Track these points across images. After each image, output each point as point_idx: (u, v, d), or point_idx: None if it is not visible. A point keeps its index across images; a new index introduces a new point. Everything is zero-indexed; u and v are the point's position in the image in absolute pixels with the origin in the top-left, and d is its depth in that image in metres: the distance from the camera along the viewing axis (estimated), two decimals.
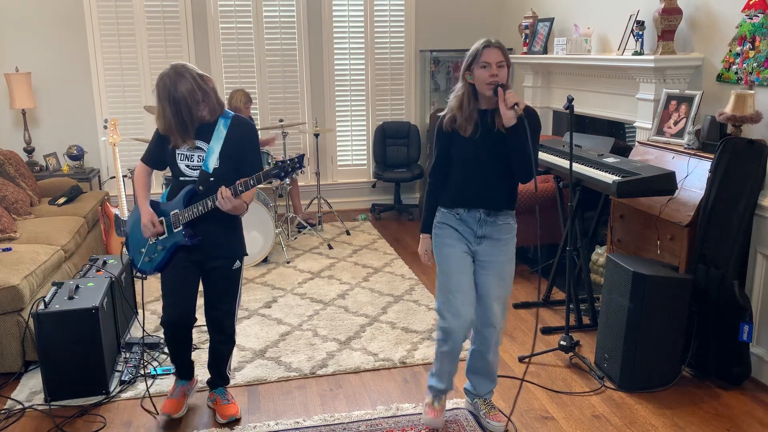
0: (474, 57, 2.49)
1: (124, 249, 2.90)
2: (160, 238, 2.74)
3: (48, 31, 5.64)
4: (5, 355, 3.24)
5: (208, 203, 2.63)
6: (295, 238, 5.60)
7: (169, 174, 3.31)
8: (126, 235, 2.91)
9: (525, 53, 5.48)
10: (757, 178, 3.06)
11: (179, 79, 2.53)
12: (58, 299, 3.09)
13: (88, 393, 3.06)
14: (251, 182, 2.58)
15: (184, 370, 2.96)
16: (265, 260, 4.95)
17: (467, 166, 2.59)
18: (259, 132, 5.65)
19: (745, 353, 3.10)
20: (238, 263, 2.82)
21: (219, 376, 2.97)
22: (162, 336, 3.61)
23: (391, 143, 6.41)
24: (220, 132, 2.67)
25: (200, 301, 2.85)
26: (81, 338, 3.00)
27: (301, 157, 2.58)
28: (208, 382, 3.01)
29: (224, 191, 2.56)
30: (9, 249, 3.64)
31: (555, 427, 2.83)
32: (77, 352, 3.01)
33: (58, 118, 5.79)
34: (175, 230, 2.71)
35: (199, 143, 2.68)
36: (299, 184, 6.00)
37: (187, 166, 2.69)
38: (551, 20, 5.23)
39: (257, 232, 4.82)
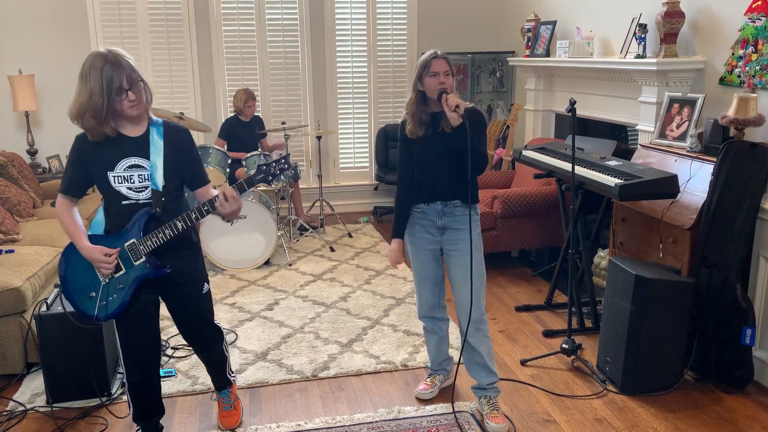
0: (424, 67, 2.73)
1: (62, 299, 2.49)
2: (116, 275, 2.40)
3: (51, 33, 5.66)
4: (7, 356, 3.25)
5: (178, 225, 2.36)
6: (297, 241, 5.60)
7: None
8: (62, 282, 2.50)
9: (527, 56, 5.48)
10: (760, 182, 3.05)
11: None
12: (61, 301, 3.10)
13: (90, 395, 3.05)
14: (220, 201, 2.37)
15: (153, 425, 2.72)
16: (267, 263, 4.96)
17: (422, 164, 2.82)
18: (266, 134, 5.72)
19: (748, 357, 3.09)
20: (206, 286, 2.62)
21: (221, 381, 2.93)
22: (163, 338, 3.61)
23: (393, 146, 6.41)
24: (157, 143, 2.37)
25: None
26: (83, 340, 3.00)
27: (286, 158, 2.43)
28: (213, 384, 2.97)
29: (230, 190, 2.34)
30: (11, 251, 3.64)
31: (557, 431, 2.83)
32: (79, 354, 3.00)
33: (60, 120, 5.72)
34: (136, 263, 2.39)
35: (136, 160, 2.35)
36: (301, 186, 6.00)
37: (129, 188, 2.36)
38: (553, 23, 5.23)
39: (259, 234, 4.82)
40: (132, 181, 2.36)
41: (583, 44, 4.65)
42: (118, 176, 2.35)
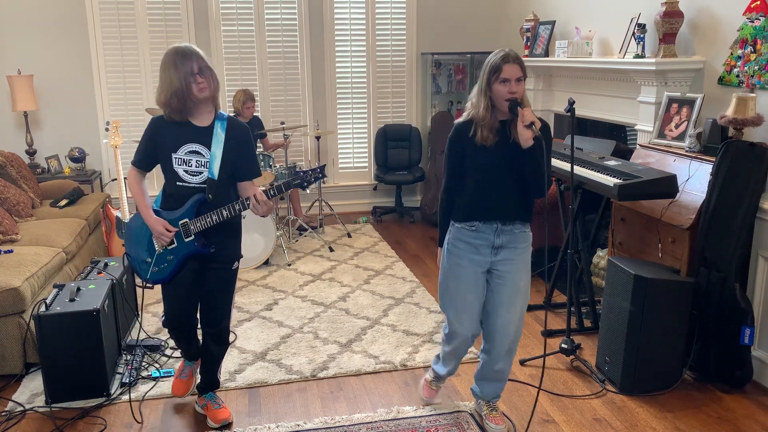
0: (494, 72, 2.48)
1: (126, 257, 2.85)
2: (170, 247, 2.69)
3: (50, 33, 5.66)
4: (6, 357, 3.24)
5: (223, 213, 2.61)
6: (296, 241, 5.60)
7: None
8: (125, 245, 2.84)
9: (526, 56, 5.48)
10: (759, 181, 3.06)
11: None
12: (60, 301, 3.09)
13: (89, 395, 3.06)
14: (271, 192, 2.63)
15: (190, 355, 3.04)
16: (266, 263, 4.96)
17: (483, 176, 2.58)
18: (266, 134, 5.72)
19: (747, 356, 3.09)
20: (236, 264, 2.84)
21: (211, 381, 2.95)
22: (162, 338, 3.62)
23: (392, 146, 6.42)
24: (219, 136, 2.64)
25: None
26: (82, 340, 3.00)
27: (322, 168, 2.71)
28: (198, 387, 2.98)
29: (261, 195, 2.60)
30: (10, 251, 3.64)
31: (556, 431, 2.83)
32: (78, 354, 3.01)
33: (60, 120, 5.80)
34: (187, 239, 2.67)
35: (197, 147, 2.63)
36: None
37: (186, 171, 2.63)
38: (552, 23, 5.23)
39: (258, 234, 4.82)
40: (189, 164, 2.63)
41: (582, 44, 4.65)
42: (178, 158, 2.62)
